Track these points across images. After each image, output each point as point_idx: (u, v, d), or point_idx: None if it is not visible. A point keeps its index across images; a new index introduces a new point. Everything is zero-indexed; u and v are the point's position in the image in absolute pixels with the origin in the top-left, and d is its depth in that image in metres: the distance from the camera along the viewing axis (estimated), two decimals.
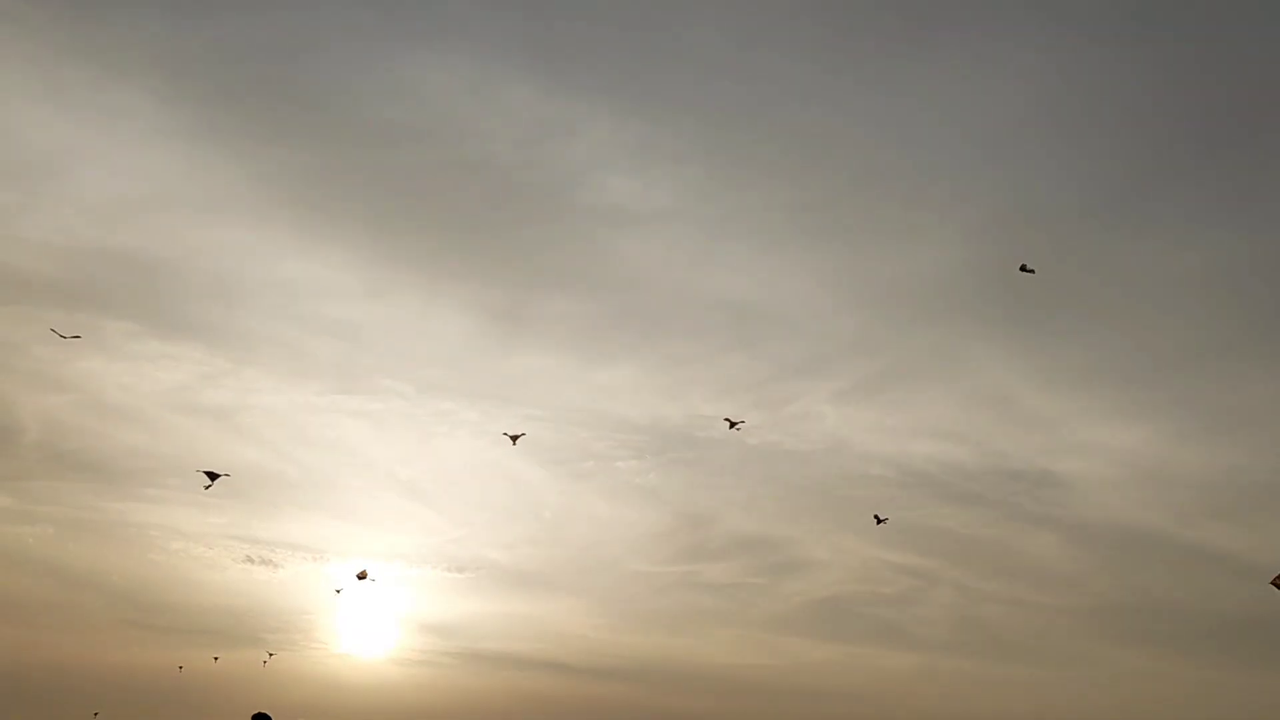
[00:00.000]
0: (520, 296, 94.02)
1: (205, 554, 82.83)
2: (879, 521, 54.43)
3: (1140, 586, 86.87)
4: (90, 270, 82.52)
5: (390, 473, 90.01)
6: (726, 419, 48.31)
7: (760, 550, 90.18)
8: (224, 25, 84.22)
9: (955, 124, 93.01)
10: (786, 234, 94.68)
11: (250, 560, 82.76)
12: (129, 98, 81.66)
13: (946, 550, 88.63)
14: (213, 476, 38.86)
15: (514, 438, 48.67)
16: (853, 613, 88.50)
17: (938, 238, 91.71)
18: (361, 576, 45.27)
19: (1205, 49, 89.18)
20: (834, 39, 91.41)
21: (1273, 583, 30.69)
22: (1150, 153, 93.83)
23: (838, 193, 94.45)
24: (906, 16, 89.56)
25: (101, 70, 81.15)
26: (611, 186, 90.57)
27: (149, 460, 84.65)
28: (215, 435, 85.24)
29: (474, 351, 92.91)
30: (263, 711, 20.80)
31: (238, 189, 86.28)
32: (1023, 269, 36.97)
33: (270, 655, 69.47)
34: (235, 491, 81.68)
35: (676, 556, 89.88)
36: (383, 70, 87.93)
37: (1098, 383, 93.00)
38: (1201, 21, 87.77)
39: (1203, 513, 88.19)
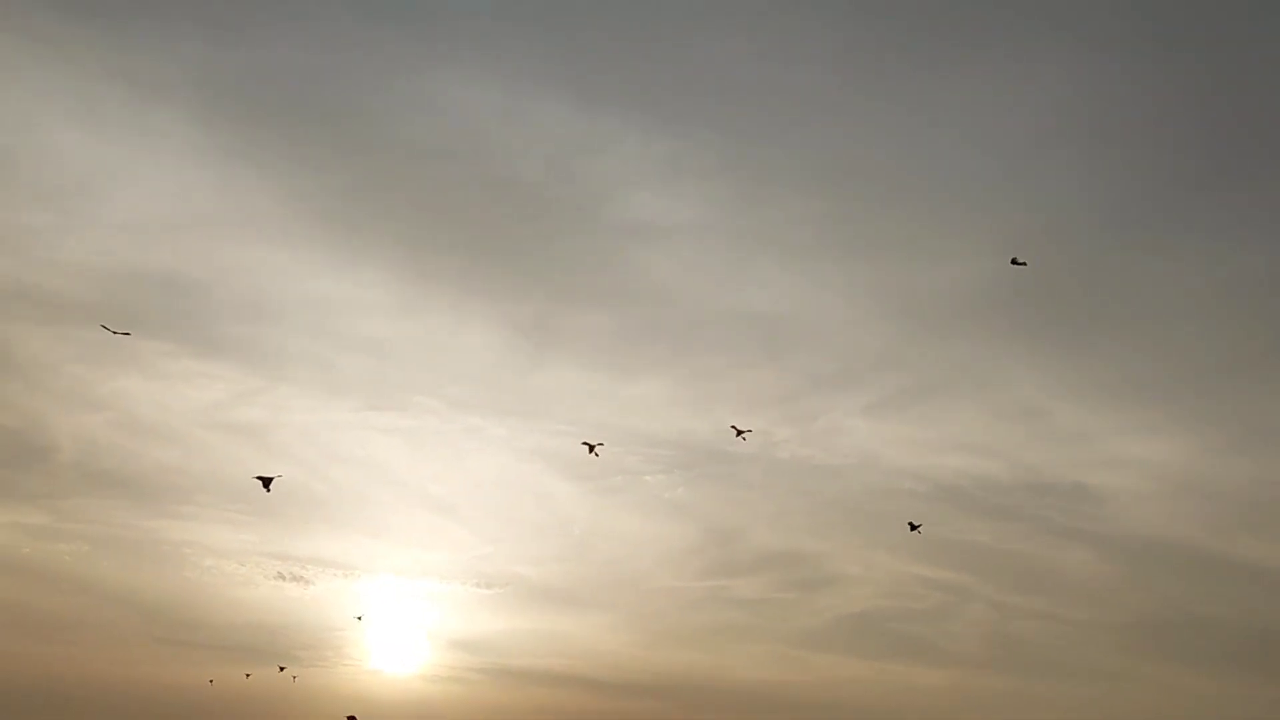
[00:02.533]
0: (549, 312, 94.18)
1: (237, 571, 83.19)
2: (913, 529, 54.81)
3: (1175, 601, 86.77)
4: (125, 291, 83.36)
5: (421, 489, 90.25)
6: (733, 426, 48.45)
7: (790, 565, 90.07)
8: (258, 48, 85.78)
9: (980, 140, 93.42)
10: (814, 248, 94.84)
11: (282, 577, 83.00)
12: (164, 119, 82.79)
13: (979, 565, 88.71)
14: (266, 481, 38.68)
15: (592, 447, 47.72)
16: (884, 628, 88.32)
17: (966, 252, 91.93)
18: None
19: (1228, 64, 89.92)
20: (859, 58, 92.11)
21: None
22: (1177, 167, 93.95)
23: (865, 207, 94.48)
24: (930, 36, 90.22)
25: (137, 92, 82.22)
26: (639, 202, 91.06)
27: (182, 478, 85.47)
28: (248, 453, 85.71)
29: (503, 367, 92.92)
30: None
31: (271, 209, 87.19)
32: (1014, 262, 37.37)
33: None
34: (267, 509, 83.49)
35: (706, 571, 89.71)
36: (414, 91, 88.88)
37: (1129, 396, 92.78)
38: (1224, 36, 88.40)
39: (1238, 526, 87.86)
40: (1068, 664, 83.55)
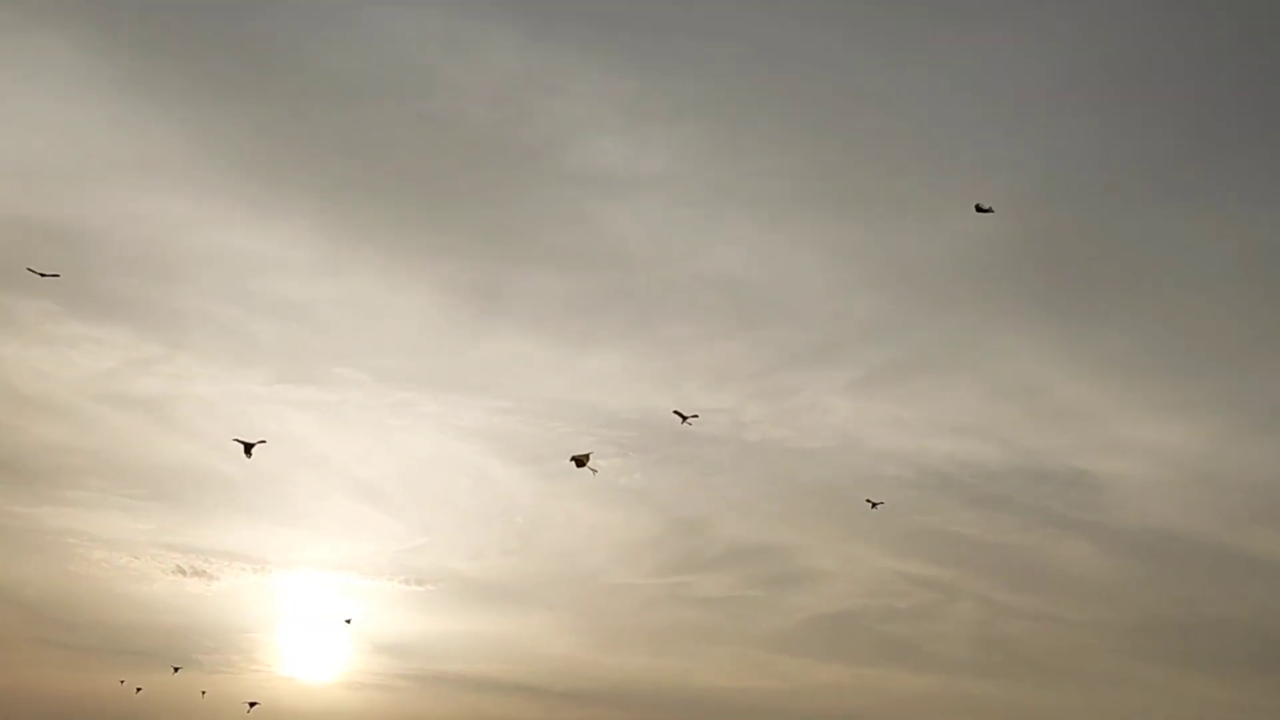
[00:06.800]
0: (494, 273, 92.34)
1: (131, 564, 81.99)
2: (873, 506, 55.43)
3: (1185, 599, 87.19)
4: (2, 241, 78.78)
5: (343, 472, 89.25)
6: (676, 411, 46.67)
7: (760, 560, 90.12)
8: None
9: (980, 91, 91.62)
10: (794, 205, 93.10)
11: (182, 571, 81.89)
12: (49, 45, 78.81)
13: (968, 560, 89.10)
14: (248, 447, 36.22)
15: (581, 461, 41.71)
16: (863, 630, 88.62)
17: (961, 214, 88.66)
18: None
19: (1256, 14, 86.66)
20: None
21: None
22: (1196, 123, 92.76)
23: (851, 161, 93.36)
24: None
25: (17, 13, 78.04)
26: (599, 149, 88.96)
27: (69, 457, 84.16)
28: (144, 429, 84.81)
29: (440, 336, 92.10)
30: None
31: (173, 151, 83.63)
32: (979, 209, 37.10)
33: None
34: (164, 493, 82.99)
35: (666, 567, 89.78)
36: (341, 18, 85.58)
37: (1138, 374, 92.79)
38: None
39: (1255, 518, 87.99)
40: (1066, 669, 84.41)
